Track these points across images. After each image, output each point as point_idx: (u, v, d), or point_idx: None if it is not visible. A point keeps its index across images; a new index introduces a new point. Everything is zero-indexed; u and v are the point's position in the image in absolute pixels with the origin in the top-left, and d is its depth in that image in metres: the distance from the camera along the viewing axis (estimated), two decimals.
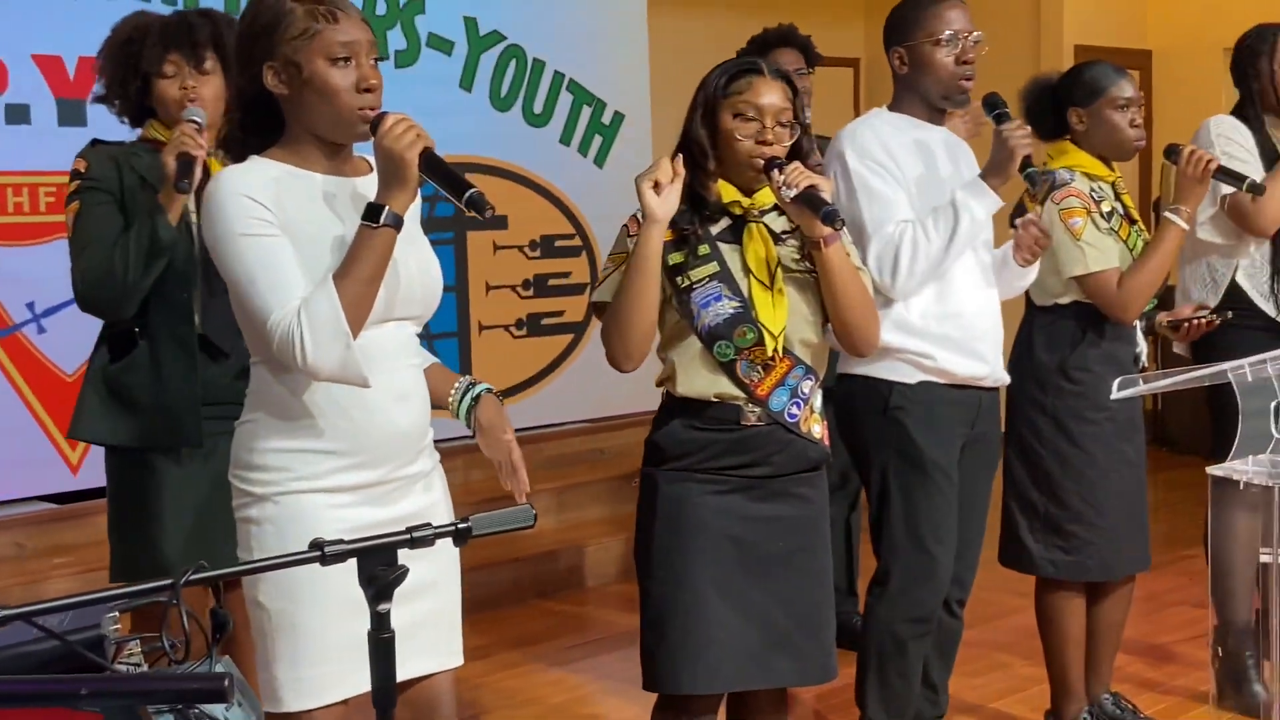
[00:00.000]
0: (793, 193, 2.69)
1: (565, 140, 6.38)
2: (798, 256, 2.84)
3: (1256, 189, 3.73)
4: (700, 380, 2.79)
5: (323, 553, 1.71)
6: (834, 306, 2.81)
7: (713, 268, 2.80)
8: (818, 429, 2.89)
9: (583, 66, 6.36)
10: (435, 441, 2.54)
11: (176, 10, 3.61)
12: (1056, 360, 3.64)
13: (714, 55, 8.73)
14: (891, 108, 3.43)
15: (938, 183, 3.32)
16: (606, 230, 4.45)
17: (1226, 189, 3.95)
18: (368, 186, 2.39)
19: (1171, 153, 3.70)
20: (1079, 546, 3.68)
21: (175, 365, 3.12)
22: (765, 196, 2.85)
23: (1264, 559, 2.78)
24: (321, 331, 2.21)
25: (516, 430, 2.64)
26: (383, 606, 1.74)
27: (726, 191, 2.84)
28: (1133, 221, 3.73)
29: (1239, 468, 2.75)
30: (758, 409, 2.79)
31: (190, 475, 3.13)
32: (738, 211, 2.84)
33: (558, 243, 6.28)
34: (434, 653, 2.51)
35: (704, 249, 2.81)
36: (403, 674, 2.27)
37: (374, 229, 2.25)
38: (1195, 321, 3.85)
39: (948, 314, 3.31)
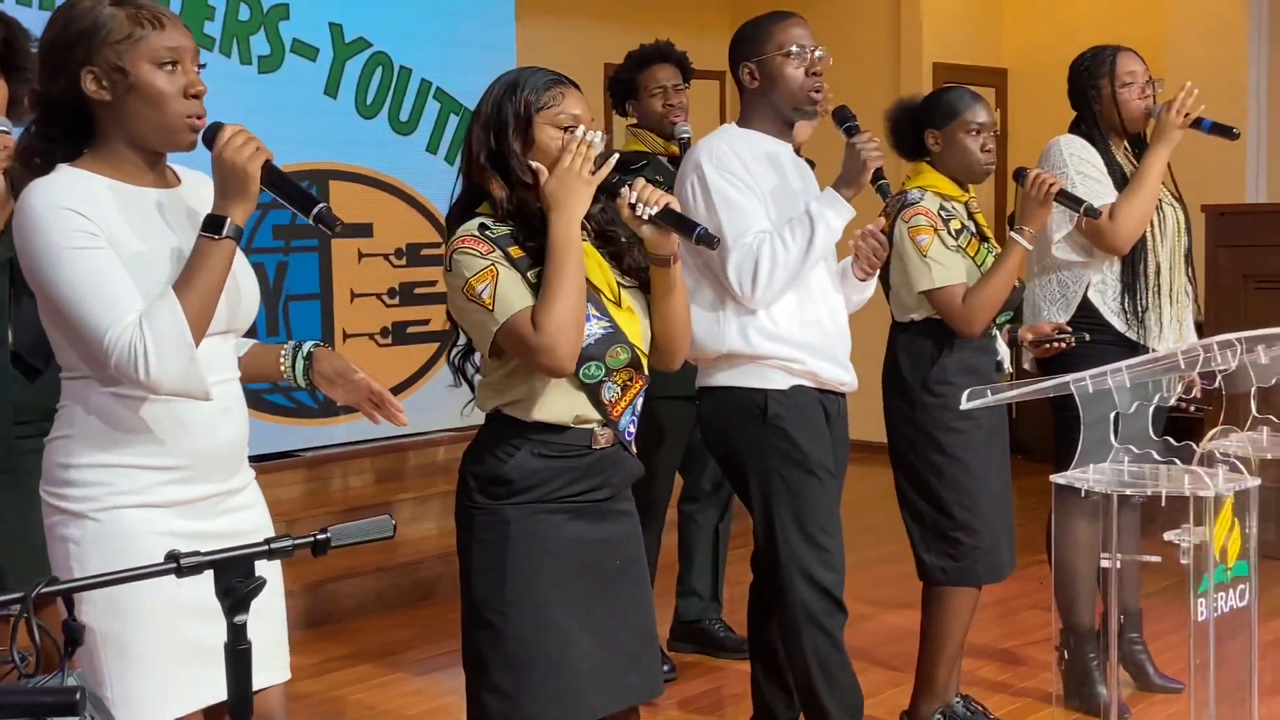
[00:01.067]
0: (651, 211, 2.61)
1: (432, 148, 6.37)
2: (618, 272, 2.75)
3: (1093, 213, 3.86)
4: (560, 404, 2.64)
5: (178, 565, 1.70)
6: (668, 323, 2.73)
7: None
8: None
9: (450, 74, 6.35)
10: (308, 450, 2.53)
11: None
12: (919, 375, 3.74)
13: (582, 64, 8.81)
14: (740, 123, 3.50)
15: (791, 195, 3.39)
16: None
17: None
18: (192, 198, 2.37)
19: (1019, 175, 3.82)
20: (966, 553, 3.78)
21: None
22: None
23: (1104, 564, 2.87)
24: (165, 344, 2.18)
25: (381, 439, 2.65)
26: (239, 618, 1.74)
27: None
28: (984, 239, 3.83)
29: (1080, 476, 2.84)
30: (608, 430, 2.69)
31: (7, 497, 2.96)
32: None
33: (424, 251, 6.26)
34: (262, 668, 2.47)
35: None
36: (224, 694, 2.26)
37: (216, 241, 2.23)
38: (1054, 344, 3.98)
39: (809, 321, 3.39)
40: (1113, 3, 8.22)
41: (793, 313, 3.37)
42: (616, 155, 2.67)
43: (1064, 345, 3.98)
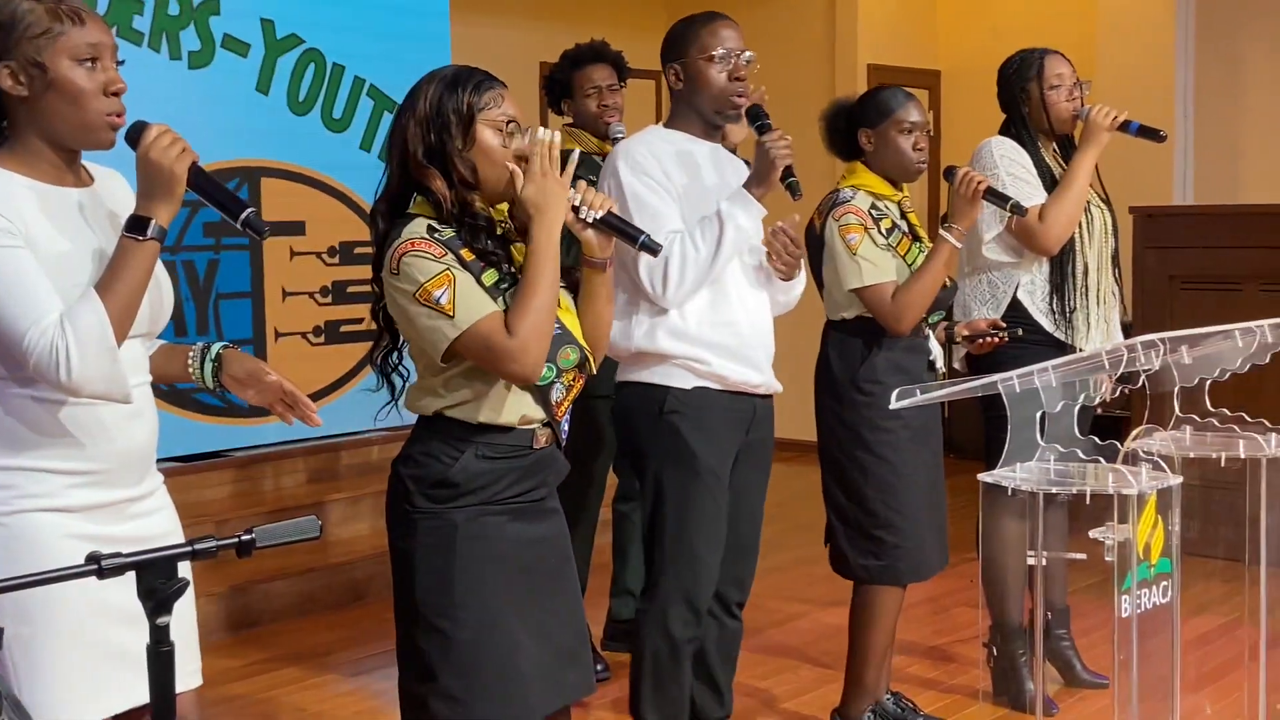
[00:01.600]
0: (596, 215, 2.62)
1: (365, 146, 6.33)
2: None
3: (1019, 210, 3.91)
4: (508, 405, 2.61)
5: (100, 566, 1.69)
6: (595, 325, 2.73)
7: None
8: None
9: (384, 72, 6.32)
10: (239, 450, 2.50)
11: None
12: (849, 373, 3.77)
13: (517, 63, 8.78)
14: (668, 124, 3.51)
15: (704, 194, 3.39)
16: None
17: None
18: (108, 197, 2.35)
19: (949, 174, 3.85)
20: (889, 551, 3.81)
21: None
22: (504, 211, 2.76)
23: (1030, 562, 2.90)
24: (88, 346, 2.15)
25: (313, 439, 2.62)
26: (162, 620, 1.73)
27: (494, 209, 2.70)
28: (917, 239, 3.87)
29: (1007, 475, 2.86)
30: (547, 430, 2.67)
31: None
32: (501, 231, 2.69)
33: (357, 249, 6.22)
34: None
35: (509, 267, 2.65)
36: (138, 699, 2.24)
37: (140, 242, 2.21)
38: (988, 339, 4.01)
39: (722, 321, 3.38)
40: (1044, 6, 8.31)
41: (704, 312, 3.38)
42: (577, 152, 2.68)
43: (999, 340, 4.01)
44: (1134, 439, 3.10)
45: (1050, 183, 4.21)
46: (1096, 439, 2.91)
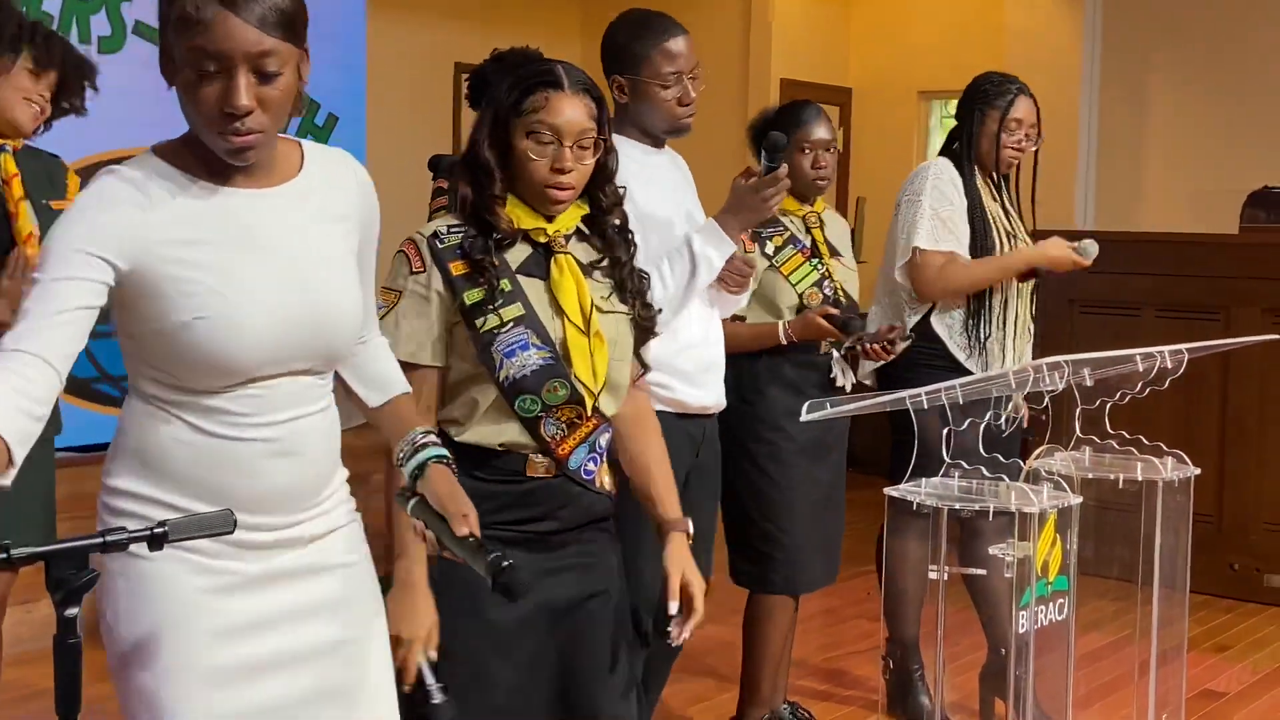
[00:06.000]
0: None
1: None
2: (607, 293, 2.52)
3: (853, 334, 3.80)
4: (490, 429, 2.42)
5: (8, 555, 1.65)
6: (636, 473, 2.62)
7: (517, 309, 2.42)
8: (608, 481, 2.57)
9: None
10: None
11: None
12: (734, 383, 3.77)
13: (432, 62, 8.75)
14: (615, 129, 3.41)
15: (671, 209, 3.26)
16: None
17: (918, 240, 4.08)
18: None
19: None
20: (766, 560, 3.83)
21: None
22: (568, 220, 2.51)
23: (932, 577, 2.94)
24: None
25: None
26: (70, 612, 1.69)
27: (521, 215, 2.46)
28: (816, 255, 3.88)
29: (913, 490, 2.91)
30: (546, 460, 2.44)
31: None
32: (542, 240, 2.47)
33: None
34: None
35: (505, 284, 2.42)
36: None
37: None
38: (886, 345, 3.85)
39: (682, 348, 3.25)
40: (956, 31, 8.44)
41: (665, 340, 3.29)
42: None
43: (894, 346, 3.90)
44: (1036, 458, 3.16)
45: (975, 210, 4.15)
46: (1000, 457, 2.96)
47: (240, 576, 1.99)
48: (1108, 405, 3.24)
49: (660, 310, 2.69)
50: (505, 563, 1.93)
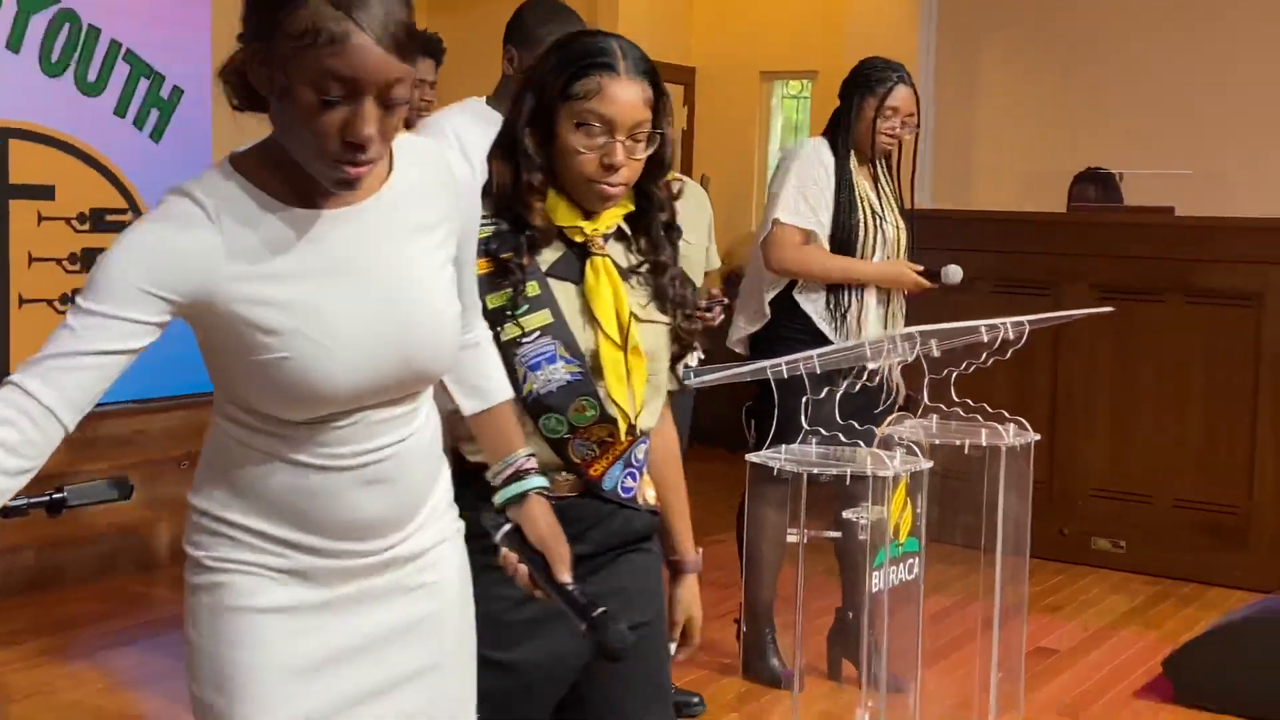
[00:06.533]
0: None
1: (120, 112, 6.14)
2: (645, 301, 2.25)
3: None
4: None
5: None
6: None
7: (544, 317, 2.14)
8: (650, 494, 2.34)
9: (142, 38, 6.14)
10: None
11: None
12: None
13: None
14: (491, 101, 3.42)
15: None
16: None
17: (778, 213, 4.22)
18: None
19: None
20: None
21: None
22: (610, 218, 2.21)
23: (791, 540, 3.05)
24: None
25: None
26: None
27: (561, 212, 2.18)
28: None
29: (773, 456, 3.01)
30: (572, 478, 2.19)
31: None
32: (578, 239, 2.19)
33: (109, 217, 6.04)
34: None
35: (533, 288, 2.15)
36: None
37: None
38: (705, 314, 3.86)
39: None
40: (798, 11, 8.61)
41: None
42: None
43: (712, 308, 3.97)
44: (888, 425, 3.29)
45: (844, 193, 4.27)
46: (856, 424, 3.09)
47: (325, 598, 1.89)
48: (953, 375, 3.39)
49: (700, 327, 2.43)
50: (611, 622, 1.81)
